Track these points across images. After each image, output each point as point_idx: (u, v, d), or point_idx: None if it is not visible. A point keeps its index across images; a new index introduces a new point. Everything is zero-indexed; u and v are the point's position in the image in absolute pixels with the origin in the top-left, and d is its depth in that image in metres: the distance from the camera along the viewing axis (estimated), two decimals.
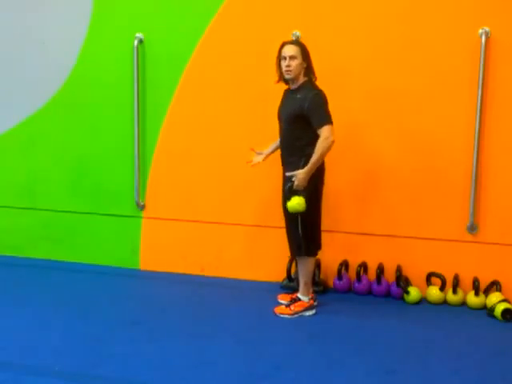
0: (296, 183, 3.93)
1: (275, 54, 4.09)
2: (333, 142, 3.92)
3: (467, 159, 4.38)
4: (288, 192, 3.98)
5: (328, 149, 3.93)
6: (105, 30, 5.01)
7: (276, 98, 4.21)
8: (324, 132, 3.90)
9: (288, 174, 4.00)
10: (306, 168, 3.93)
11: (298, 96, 4.00)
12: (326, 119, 3.93)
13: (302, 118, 3.96)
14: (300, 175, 3.93)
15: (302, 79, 4.05)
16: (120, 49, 4.97)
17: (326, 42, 4.53)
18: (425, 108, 4.43)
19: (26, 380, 3.22)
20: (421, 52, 4.40)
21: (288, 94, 4.14)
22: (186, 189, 4.98)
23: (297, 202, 3.93)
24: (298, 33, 4.53)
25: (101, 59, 5.04)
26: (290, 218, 4.10)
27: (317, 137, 3.93)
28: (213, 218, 4.93)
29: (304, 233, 4.07)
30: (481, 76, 4.25)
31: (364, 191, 4.62)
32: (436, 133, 4.45)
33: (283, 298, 4.35)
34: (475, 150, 4.34)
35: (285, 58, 4.00)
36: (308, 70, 4.05)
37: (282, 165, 4.16)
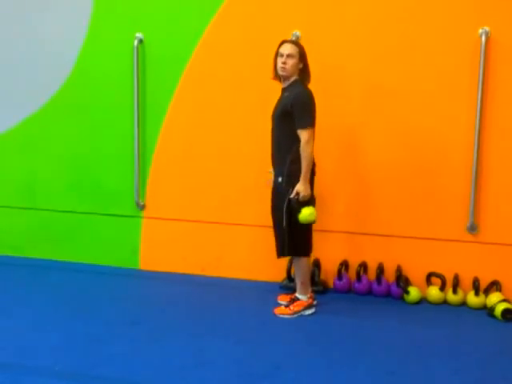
0: (301, 195, 3.94)
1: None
2: (313, 144, 3.94)
3: (467, 159, 4.38)
4: (296, 205, 3.97)
5: (312, 151, 3.95)
6: (105, 30, 5.01)
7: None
8: (304, 135, 3.92)
9: (291, 197, 3.97)
10: (301, 179, 3.94)
11: (286, 94, 4.03)
12: (308, 122, 3.95)
13: (289, 116, 3.96)
14: (299, 188, 3.94)
15: (293, 79, 4.05)
16: (120, 49, 4.97)
17: (326, 42, 4.53)
18: (425, 108, 4.43)
19: (26, 380, 3.21)
20: (421, 52, 4.40)
21: (281, 93, 4.15)
22: (186, 189, 4.98)
23: (309, 213, 3.94)
24: (298, 33, 4.53)
25: (101, 59, 5.04)
26: (281, 218, 4.08)
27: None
28: (213, 218, 4.93)
29: (298, 233, 4.06)
30: (481, 76, 4.25)
31: (364, 191, 4.62)
32: (436, 132, 4.44)
33: (283, 299, 4.35)
34: (475, 149, 4.33)
35: (282, 55, 4.01)
36: (303, 71, 4.06)
37: (272, 164, 4.17)
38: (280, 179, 4.05)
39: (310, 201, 4.00)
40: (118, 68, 5.00)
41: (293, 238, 4.07)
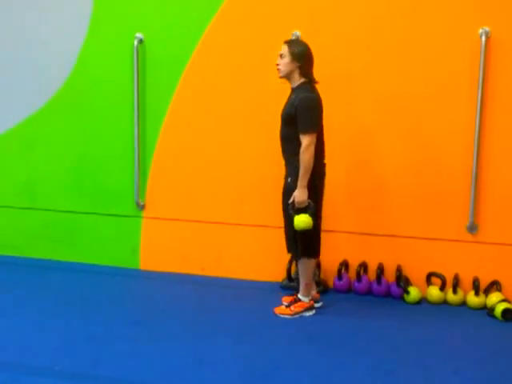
0: (296, 201, 3.93)
1: (275, 54, 4.10)
2: (313, 150, 3.92)
3: (467, 159, 4.38)
4: (292, 211, 3.97)
5: (311, 157, 3.92)
6: (105, 30, 5.01)
7: (275, 97, 4.21)
8: (304, 140, 3.91)
9: (289, 202, 3.99)
10: (298, 185, 3.93)
11: (293, 97, 4.01)
12: (310, 127, 3.92)
13: (294, 118, 3.95)
14: (296, 193, 3.94)
15: (298, 80, 4.02)
16: (120, 49, 4.97)
17: (327, 43, 4.52)
18: (425, 108, 4.43)
19: (26, 380, 3.21)
20: (421, 52, 4.40)
21: (290, 93, 4.14)
22: (186, 189, 4.98)
23: (302, 220, 3.93)
24: (298, 33, 4.52)
25: (101, 59, 5.04)
26: (291, 219, 4.09)
27: None
28: (213, 218, 4.93)
29: (307, 234, 4.06)
30: (481, 76, 4.25)
31: (364, 191, 4.62)
32: (436, 133, 4.45)
33: (286, 300, 4.31)
34: (475, 149, 4.33)
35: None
36: (302, 70, 3.99)
37: (285, 164, 4.18)
38: (289, 180, 4.05)
39: (307, 207, 3.95)
40: (118, 68, 5.00)
41: (309, 239, 4.07)
